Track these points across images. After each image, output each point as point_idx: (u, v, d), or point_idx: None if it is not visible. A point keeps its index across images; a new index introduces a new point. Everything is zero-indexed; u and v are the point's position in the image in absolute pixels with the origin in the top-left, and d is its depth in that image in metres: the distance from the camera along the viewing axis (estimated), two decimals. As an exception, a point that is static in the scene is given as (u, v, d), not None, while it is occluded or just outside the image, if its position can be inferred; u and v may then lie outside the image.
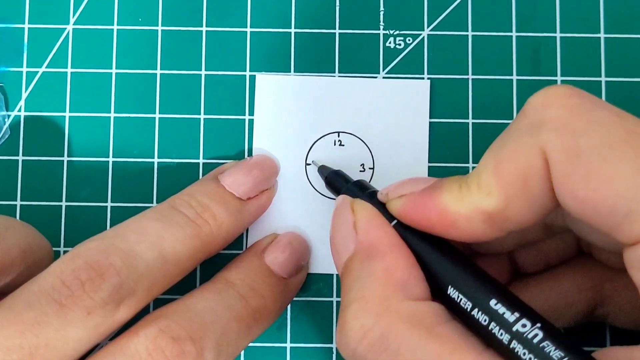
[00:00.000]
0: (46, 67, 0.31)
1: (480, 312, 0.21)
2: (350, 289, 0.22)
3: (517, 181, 0.20)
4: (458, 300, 0.21)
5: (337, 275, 0.30)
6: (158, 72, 0.31)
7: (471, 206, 0.21)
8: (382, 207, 0.24)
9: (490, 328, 0.20)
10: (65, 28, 0.31)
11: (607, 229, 0.19)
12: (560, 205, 0.20)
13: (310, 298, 0.30)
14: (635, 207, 0.18)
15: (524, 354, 0.19)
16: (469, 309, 0.21)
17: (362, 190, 0.25)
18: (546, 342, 0.19)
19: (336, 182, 0.28)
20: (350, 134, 0.30)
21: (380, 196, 0.25)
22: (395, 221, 0.23)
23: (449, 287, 0.21)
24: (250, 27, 0.31)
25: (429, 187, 0.22)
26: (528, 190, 0.20)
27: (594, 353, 0.19)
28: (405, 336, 0.20)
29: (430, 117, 0.30)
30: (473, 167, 0.30)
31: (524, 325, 0.20)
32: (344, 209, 0.24)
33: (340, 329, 0.21)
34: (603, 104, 0.20)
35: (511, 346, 0.20)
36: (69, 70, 0.31)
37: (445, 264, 0.22)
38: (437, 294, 0.22)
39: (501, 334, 0.20)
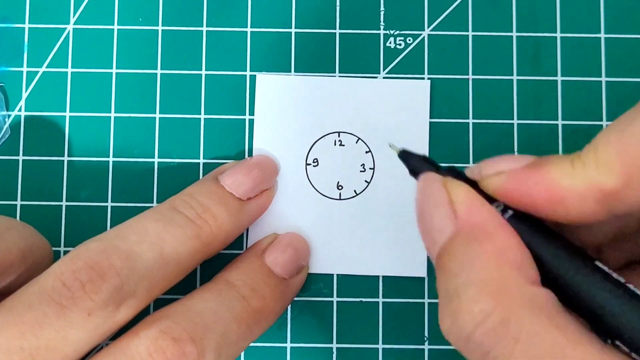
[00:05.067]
0: (46, 67, 0.31)
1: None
2: (459, 272, 0.20)
3: None
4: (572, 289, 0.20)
5: (337, 275, 0.30)
6: (158, 72, 0.31)
7: (587, 183, 0.19)
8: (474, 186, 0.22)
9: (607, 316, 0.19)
10: (66, 28, 0.31)
11: None
12: None
13: (311, 298, 0.30)
14: None
15: None
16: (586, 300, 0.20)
17: (458, 175, 0.23)
18: None
19: (423, 167, 0.24)
20: (351, 134, 0.30)
21: (469, 173, 0.23)
22: (510, 213, 0.21)
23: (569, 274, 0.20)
24: (250, 27, 0.31)
25: (533, 163, 0.21)
26: None
27: None
28: (526, 322, 0.19)
29: (430, 117, 0.30)
30: (473, 168, 0.30)
31: None
32: (436, 186, 0.22)
33: (451, 313, 0.20)
34: None
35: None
36: (69, 70, 0.31)
37: (558, 251, 0.21)
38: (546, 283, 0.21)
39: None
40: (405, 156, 0.25)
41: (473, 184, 0.22)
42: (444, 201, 0.22)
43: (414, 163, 0.24)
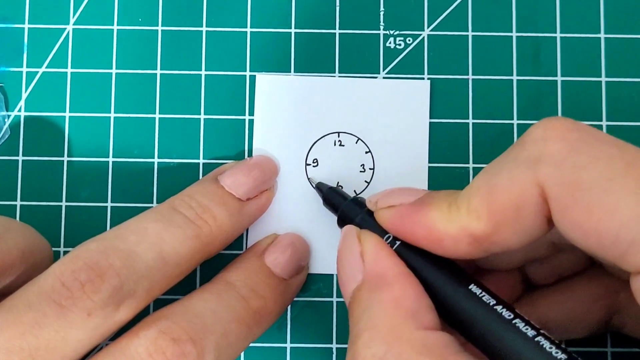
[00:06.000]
0: (46, 67, 0.31)
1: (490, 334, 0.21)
2: (359, 319, 0.22)
3: (508, 210, 0.20)
4: (467, 325, 0.21)
5: (336, 275, 0.30)
6: (158, 72, 0.31)
7: (459, 227, 0.21)
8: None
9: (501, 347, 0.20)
10: (65, 28, 0.31)
11: (612, 259, 0.19)
12: (560, 233, 0.20)
13: (310, 298, 0.30)
14: (639, 237, 0.18)
15: None
16: (480, 333, 0.21)
17: (361, 207, 0.26)
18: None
19: (333, 199, 0.28)
20: (350, 134, 0.30)
21: (369, 204, 0.25)
22: (398, 243, 0.23)
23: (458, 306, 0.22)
24: (250, 27, 0.31)
25: (418, 201, 0.23)
26: (519, 220, 0.20)
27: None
28: None
29: (430, 117, 0.30)
30: (473, 168, 0.30)
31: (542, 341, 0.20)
32: (351, 239, 0.24)
33: (351, 357, 0.21)
34: (603, 136, 0.20)
35: None
36: (69, 70, 0.31)
37: (449, 287, 0.22)
38: (445, 318, 0.22)
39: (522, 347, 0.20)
40: (321, 187, 0.29)
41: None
42: (356, 252, 0.24)
43: (327, 194, 0.28)
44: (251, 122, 0.31)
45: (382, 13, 0.31)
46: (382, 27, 0.31)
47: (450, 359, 0.20)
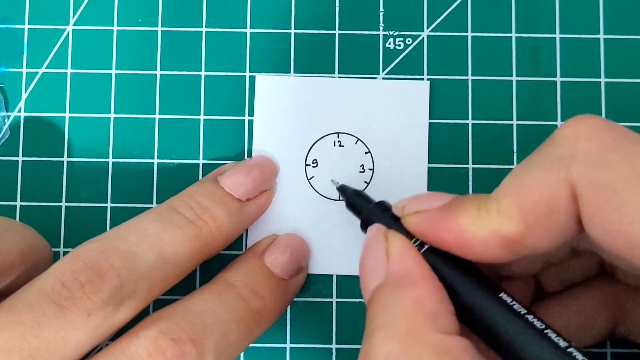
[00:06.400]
0: (46, 68, 0.31)
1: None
2: (377, 316, 0.21)
3: (540, 211, 0.20)
4: (494, 332, 0.21)
5: (336, 275, 0.30)
6: (158, 72, 0.31)
7: (489, 230, 0.21)
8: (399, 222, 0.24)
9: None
10: (65, 28, 0.31)
11: (638, 261, 0.19)
12: (587, 235, 0.20)
13: (310, 299, 0.30)
14: None
15: None
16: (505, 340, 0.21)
17: (385, 211, 0.25)
18: None
19: (357, 202, 0.27)
20: (350, 134, 0.30)
21: (395, 210, 0.24)
22: (425, 247, 0.23)
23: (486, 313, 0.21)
24: (250, 28, 0.31)
25: (447, 205, 0.22)
26: (551, 220, 0.20)
27: None
28: None
29: (430, 118, 0.30)
30: (473, 168, 0.30)
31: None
32: (378, 236, 0.24)
33: (364, 355, 0.21)
34: (634, 135, 0.20)
35: None
36: (69, 70, 0.31)
37: (478, 293, 0.22)
38: (468, 323, 0.22)
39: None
40: (343, 190, 0.28)
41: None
42: (381, 250, 0.23)
43: (349, 197, 0.27)
44: (251, 122, 0.31)
45: (381, 13, 0.31)
46: (381, 28, 0.31)
47: None
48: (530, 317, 0.21)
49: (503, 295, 0.22)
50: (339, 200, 0.30)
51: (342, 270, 0.30)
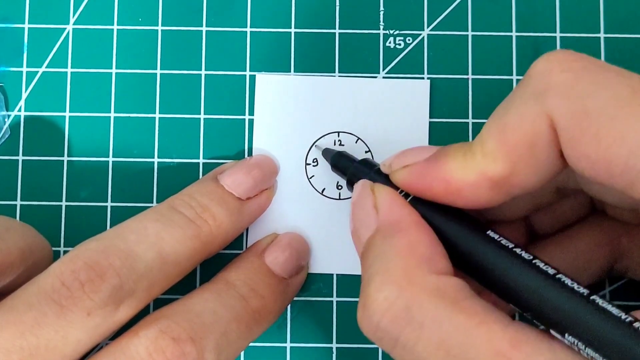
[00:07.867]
0: (46, 67, 0.31)
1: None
2: (372, 265, 0.21)
3: (522, 147, 0.20)
4: (486, 269, 0.21)
5: (336, 275, 0.30)
6: (158, 72, 0.31)
7: (476, 173, 0.21)
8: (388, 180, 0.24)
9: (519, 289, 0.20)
10: (65, 28, 0.31)
11: (621, 187, 0.19)
12: (568, 167, 0.20)
13: (310, 298, 0.30)
14: None
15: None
16: (497, 277, 0.21)
17: (370, 167, 0.26)
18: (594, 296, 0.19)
19: (341, 162, 0.28)
20: (350, 133, 0.30)
21: (383, 167, 0.25)
22: (410, 197, 0.23)
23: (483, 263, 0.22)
24: (250, 27, 0.31)
25: (433, 156, 0.22)
26: (534, 155, 0.20)
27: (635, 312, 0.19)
28: (430, 309, 0.20)
29: (430, 117, 0.30)
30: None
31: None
32: (365, 191, 0.24)
33: (362, 303, 0.21)
34: (606, 65, 0.20)
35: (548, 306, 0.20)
36: (69, 70, 0.31)
37: (465, 234, 0.22)
38: (460, 266, 0.22)
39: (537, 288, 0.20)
40: (327, 153, 0.29)
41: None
42: (369, 203, 0.23)
43: (334, 159, 0.28)
44: (251, 121, 0.31)
45: (382, 13, 0.31)
46: (382, 27, 0.31)
47: (462, 303, 0.20)
48: (518, 250, 0.21)
49: (490, 233, 0.22)
50: (340, 199, 0.30)
51: (342, 269, 0.30)
